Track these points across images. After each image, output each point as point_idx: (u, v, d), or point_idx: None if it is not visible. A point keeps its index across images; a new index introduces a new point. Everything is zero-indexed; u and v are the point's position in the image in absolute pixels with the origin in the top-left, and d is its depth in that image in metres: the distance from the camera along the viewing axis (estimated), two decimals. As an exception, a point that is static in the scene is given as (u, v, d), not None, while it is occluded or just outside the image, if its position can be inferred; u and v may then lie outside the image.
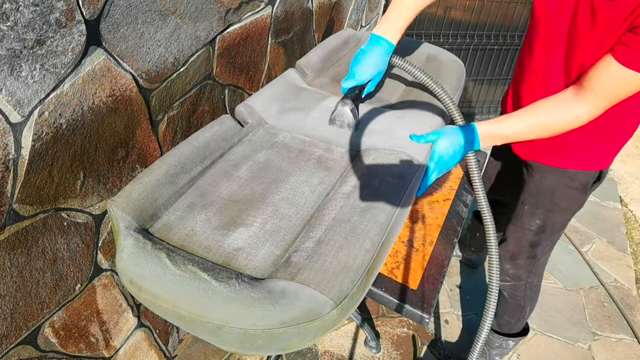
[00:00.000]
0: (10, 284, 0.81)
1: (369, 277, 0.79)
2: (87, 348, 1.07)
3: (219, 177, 0.95)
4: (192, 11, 1.01)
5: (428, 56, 1.51)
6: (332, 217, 0.84)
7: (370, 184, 0.92)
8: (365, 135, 1.06)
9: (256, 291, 0.70)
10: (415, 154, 1.01)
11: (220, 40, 1.15)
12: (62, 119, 0.79)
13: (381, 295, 1.04)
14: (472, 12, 2.48)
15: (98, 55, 0.81)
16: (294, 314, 0.69)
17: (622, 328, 1.82)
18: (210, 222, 0.84)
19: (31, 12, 0.66)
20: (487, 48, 2.64)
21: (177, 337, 1.49)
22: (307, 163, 1.02)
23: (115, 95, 0.89)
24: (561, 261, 2.09)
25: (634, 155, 2.90)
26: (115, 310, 1.14)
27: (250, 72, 1.35)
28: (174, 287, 0.71)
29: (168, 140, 1.11)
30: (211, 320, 0.70)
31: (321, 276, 0.72)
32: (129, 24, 0.85)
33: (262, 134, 1.10)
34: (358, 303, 0.81)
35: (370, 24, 2.24)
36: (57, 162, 0.81)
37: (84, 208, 0.93)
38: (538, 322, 1.81)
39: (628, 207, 2.51)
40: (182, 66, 1.05)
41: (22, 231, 0.79)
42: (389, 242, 0.86)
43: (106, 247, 1.04)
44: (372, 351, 1.62)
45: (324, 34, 1.73)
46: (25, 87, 0.70)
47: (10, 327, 0.84)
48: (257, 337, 0.70)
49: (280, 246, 0.81)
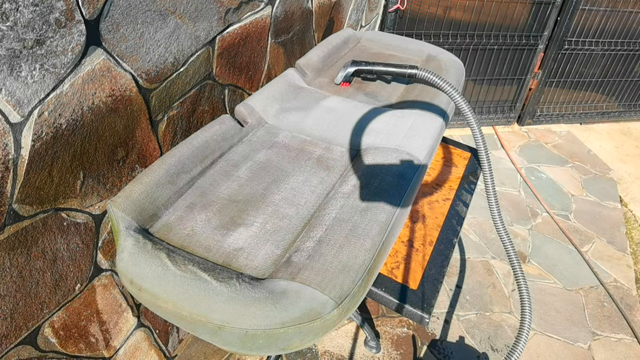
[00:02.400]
0: (10, 284, 0.80)
1: (369, 277, 0.79)
2: (87, 348, 1.07)
3: (219, 177, 0.95)
4: (192, 11, 1.01)
5: (428, 56, 1.51)
6: (333, 217, 0.84)
7: (370, 184, 0.92)
8: (366, 134, 1.06)
9: (257, 291, 0.70)
10: (416, 153, 1.01)
11: (220, 40, 1.15)
12: (61, 119, 0.78)
13: (381, 295, 1.04)
14: (472, 12, 2.48)
15: (98, 55, 0.81)
16: (294, 313, 0.69)
17: (621, 328, 1.82)
18: (210, 222, 0.84)
19: (31, 12, 0.66)
20: (487, 48, 2.64)
21: (177, 337, 1.49)
22: (307, 163, 1.02)
23: (115, 95, 0.89)
24: (561, 261, 2.09)
25: (634, 155, 2.90)
26: (115, 310, 1.13)
27: (250, 72, 1.35)
28: (175, 287, 0.71)
29: (168, 140, 1.11)
30: (212, 321, 0.70)
31: (322, 276, 0.71)
32: (128, 24, 0.85)
33: (262, 134, 1.10)
34: (359, 303, 0.81)
35: (370, 23, 2.24)
36: (57, 162, 0.81)
37: (83, 208, 0.92)
38: (538, 322, 1.81)
39: (628, 207, 2.51)
40: (182, 66, 1.05)
41: (21, 231, 0.79)
42: (390, 241, 0.86)
43: (106, 247, 1.03)
44: (372, 351, 1.62)
45: (323, 33, 1.73)
46: (25, 87, 0.70)
47: (10, 327, 0.84)
48: (257, 337, 0.70)
49: (281, 246, 0.81)
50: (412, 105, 1.19)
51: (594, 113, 3.22)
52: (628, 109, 3.29)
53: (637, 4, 2.73)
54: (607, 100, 3.21)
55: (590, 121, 3.26)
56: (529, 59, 2.78)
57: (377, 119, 1.09)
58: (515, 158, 2.77)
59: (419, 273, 1.09)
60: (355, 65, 1.22)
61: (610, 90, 3.16)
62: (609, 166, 2.78)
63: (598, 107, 3.21)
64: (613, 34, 2.83)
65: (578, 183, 2.62)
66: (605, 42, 2.86)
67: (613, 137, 3.13)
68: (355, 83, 1.32)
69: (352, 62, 1.23)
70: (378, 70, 1.20)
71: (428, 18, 2.43)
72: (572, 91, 3.08)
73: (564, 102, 3.12)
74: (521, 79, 2.88)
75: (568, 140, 3.04)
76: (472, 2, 2.44)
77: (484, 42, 2.60)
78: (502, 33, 2.62)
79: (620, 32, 2.84)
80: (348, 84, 1.26)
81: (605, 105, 3.23)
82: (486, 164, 1.03)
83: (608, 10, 2.69)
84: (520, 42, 2.68)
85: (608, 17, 2.73)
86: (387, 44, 1.59)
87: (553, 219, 2.30)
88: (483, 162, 1.03)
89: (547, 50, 2.77)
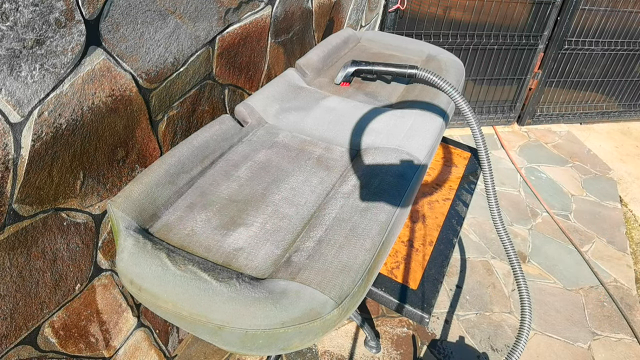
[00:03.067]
0: (10, 284, 0.80)
1: (369, 277, 0.79)
2: (86, 348, 1.07)
3: (219, 177, 0.95)
4: (192, 11, 1.01)
5: (428, 56, 1.51)
6: (333, 217, 0.84)
7: (370, 184, 0.92)
8: (366, 134, 1.06)
9: (257, 291, 0.70)
10: (416, 153, 1.01)
11: (220, 40, 1.15)
12: (61, 119, 0.78)
13: (381, 295, 1.04)
14: (472, 12, 2.48)
15: (98, 55, 0.81)
16: (294, 313, 0.69)
17: (621, 328, 1.82)
18: (210, 222, 0.84)
19: (31, 12, 0.66)
20: (487, 48, 2.64)
21: (177, 337, 1.49)
22: (307, 162, 1.02)
23: (115, 95, 0.89)
24: (561, 261, 2.09)
25: (634, 155, 2.90)
26: (115, 310, 1.13)
27: (250, 71, 1.35)
28: (175, 287, 0.71)
29: (168, 140, 1.11)
30: (212, 321, 0.70)
31: (322, 276, 0.71)
32: (128, 24, 0.85)
33: (262, 134, 1.10)
34: (359, 303, 0.81)
35: (370, 23, 2.24)
36: (57, 162, 0.81)
37: (83, 208, 0.92)
38: (538, 321, 1.81)
39: (628, 207, 2.51)
40: (182, 66, 1.05)
41: (21, 231, 0.79)
42: (390, 241, 0.86)
43: (106, 247, 1.03)
44: (372, 351, 1.61)
45: (323, 33, 1.73)
46: (25, 87, 0.70)
47: (10, 327, 0.84)
48: (257, 337, 0.70)
49: (281, 246, 0.81)
50: (412, 105, 1.19)
51: (593, 113, 3.22)
52: (628, 109, 3.29)
53: (637, 4, 2.73)
54: (607, 100, 3.21)
55: (590, 121, 3.26)
56: (528, 58, 2.78)
57: (377, 118, 1.09)
58: (515, 158, 2.77)
59: (419, 273, 1.09)
60: (355, 65, 1.22)
61: (610, 90, 3.16)
62: (609, 166, 2.78)
63: (598, 107, 3.21)
64: (613, 34, 2.83)
65: (578, 183, 2.62)
66: (605, 42, 2.86)
67: (613, 137, 3.13)
68: (355, 83, 1.32)
69: (352, 62, 1.23)
70: (378, 70, 1.20)
71: (428, 18, 2.43)
72: (572, 91, 3.08)
73: (563, 102, 3.12)
74: (521, 79, 2.88)
75: (568, 140, 3.04)
76: (472, 2, 2.44)
77: (484, 42, 2.60)
78: (502, 33, 2.62)
79: (620, 32, 2.84)
80: (348, 84, 1.26)
81: (605, 105, 3.23)
82: (486, 164, 1.03)
83: (608, 10, 2.69)
84: (520, 42, 2.68)
85: (608, 17, 2.73)
86: (387, 44, 1.59)
87: (553, 219, 2.30)
88: (483, 162, 1.03)
89: (547, 50, 2.77)
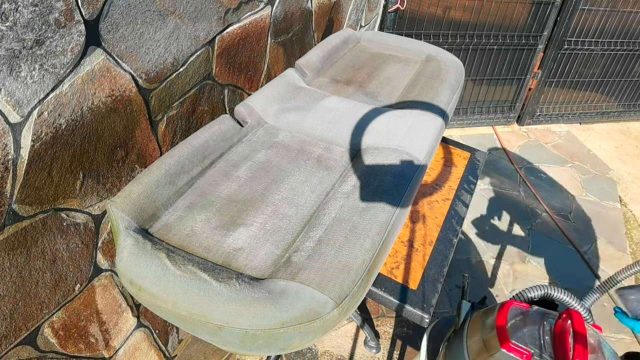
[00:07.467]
0: (10, 284, 0.80)
1: (369, 277, 0.79)
2: (86, 348, 1.07)
3: (219, 177, 0.95)
4: (192, 11, 1.01)
5: (428, 56, 1.51)
6: (332, 217, 0.84)
7: (370, 184, 0.92)
8: (365, 134, 1.06)
9: (256, 291, 0.70)
10: (416, 153, 1.01)
11: (219, 40, 1.15)
12: (61, 119, 0.78)
13: (381, 295, 1.04)
14: (472, 12, 2.48)
15: (97, 55, 0.81)
16: (294, 313, 0.69)
17: (622, 328, 1.82)
18: (210, 222, 0.84)
19: (30, 12, 0.66)
20: (487, 48, 2.64)
21: (177, 337, 1.49)
22: (306, 163, 1.02)
23: (115, 96, 0.89)
24: (561, 261, 2.09)
25: (634, 155, 2.90)
26: (115, 311, 1.13)
27: (250, 72, 1.35)
28: (174, 287, 0.71)
29: (167, 141, 1.11)
30: (211, 321, 0.70)
31: (322, 276, 0.71)
32: (128, 24, 0.85)
33: (261, 134, 1.10)
34: (358, 303, 0.81)
35: (370, 23, 2.24)
36: (57, 162, 0.81)
37: (83, 208, 0.92)
38: (538, 321, 1.80)
39: (627, 207, 2.51)
40: (182, 66, 1.05)
41: (21, 231, 0.79)
42: (389, 241, 0.86)
43: (106, 247, 1.03)
44: (372, 351, 1.61)
45: (323, 33, 1.73)
46: (25, 87, 0.70)
47: (9, 328, 0.84)
48: (257, 337, 0.70)
49: (281, 246, 0.81)
50: (412, 105, 1.19)
51: (593, 113, 3.22)
52: (628, 109, 3.29)
53: (637, 4, 2.73)
54: (606, 100, 3.21)
55: (590, 121, 3.26)
56: (528, 59, 2.78)
57: (377, 119, 1.09)
58: (515, 158, 2.77)
59: (418, 273, 1.09)
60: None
61: (610, 90, 3.16)
62: (609, 166, 2.78)
63: (597, 107, 3.21)
64: (613, 34, 2.83)
65: (578, 183, 2.62)
66: (605, 42, 2.86)
67: (612, 137, 3.13)
68: (355, 83, 1.32)
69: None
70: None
71: (428, 18, 2.43)
72: (572, 91, 3.08)
73: (563, 102, 3.12)
74: (521, 79, 2.88)
75: (568, 140, 3.04)
76: (472, 2, 2.44)
77: (483, 42, 2.60)
78: (502, 33, 2.62)
79: (620, 32, 2.84)
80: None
81: (605, 105, 3.23)
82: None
83: (608, 10, 2.69)
84: (520, 42, 2.68)
85: (608, 17, 2.73)
86: (386, 44, 1.59)
87: (553, 219, 2.30)
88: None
89: (546, 50, 2.77)
